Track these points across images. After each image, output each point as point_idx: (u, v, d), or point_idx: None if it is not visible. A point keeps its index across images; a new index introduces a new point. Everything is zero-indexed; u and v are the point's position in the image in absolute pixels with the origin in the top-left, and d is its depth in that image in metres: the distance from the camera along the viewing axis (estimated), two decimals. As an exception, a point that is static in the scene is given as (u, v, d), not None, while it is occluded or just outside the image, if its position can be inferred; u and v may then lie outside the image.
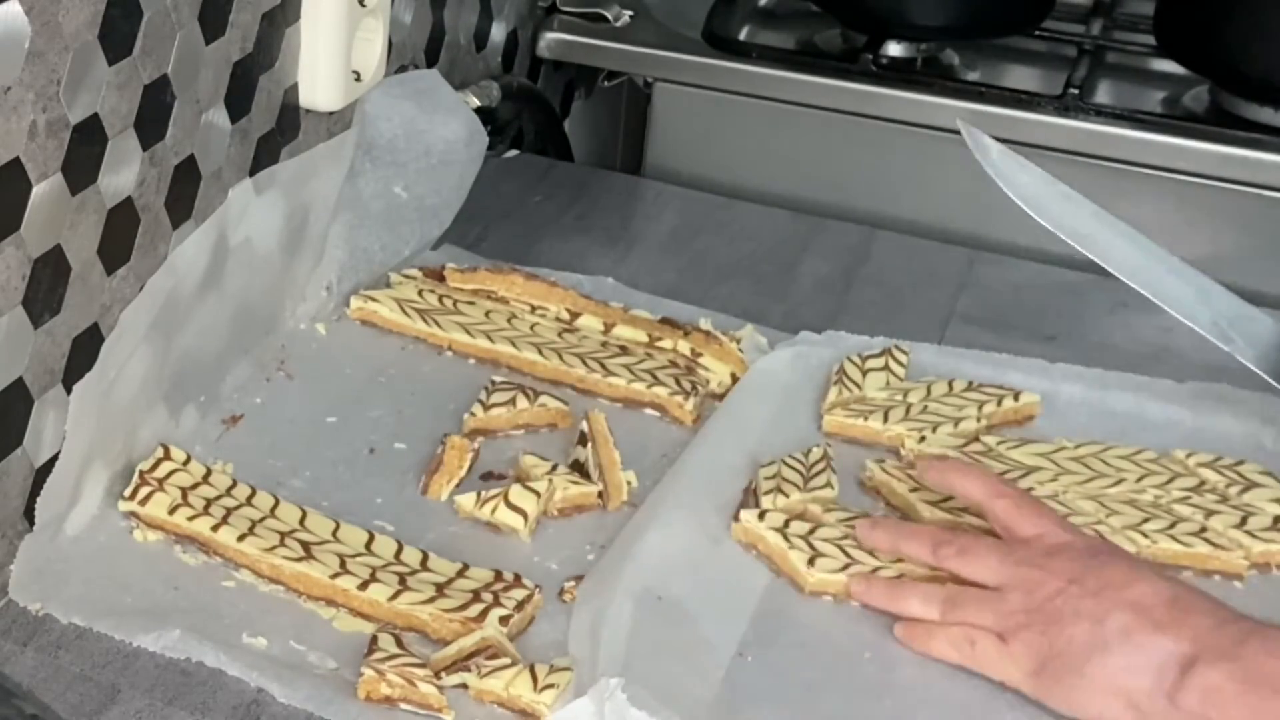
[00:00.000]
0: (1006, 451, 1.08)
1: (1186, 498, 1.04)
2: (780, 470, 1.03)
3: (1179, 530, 1.01)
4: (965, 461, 1.04)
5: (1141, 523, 1.01)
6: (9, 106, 0.84)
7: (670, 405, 1.12)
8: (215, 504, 0.98)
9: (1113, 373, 1.15)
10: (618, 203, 1.41)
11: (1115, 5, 1.58)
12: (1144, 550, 1.00)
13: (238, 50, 1.04)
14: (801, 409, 1.12)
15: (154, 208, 0.99)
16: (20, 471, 0.93)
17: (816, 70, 1.46)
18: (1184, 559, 1.00)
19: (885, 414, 1.10)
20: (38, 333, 0.91)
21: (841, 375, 1.13)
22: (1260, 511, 1.03)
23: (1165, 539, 1.00)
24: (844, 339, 1.17)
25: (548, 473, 1.03)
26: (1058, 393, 1.13)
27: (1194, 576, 0.99)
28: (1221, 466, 1.07)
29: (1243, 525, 1.02)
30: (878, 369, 1.13)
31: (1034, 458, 1.07)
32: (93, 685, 0.88)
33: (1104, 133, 1.39)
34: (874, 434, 1.09)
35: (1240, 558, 1.00)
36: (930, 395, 1.12)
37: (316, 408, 1.10)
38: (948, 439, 1.08)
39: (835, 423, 1.10)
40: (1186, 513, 1.03)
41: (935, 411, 1.10)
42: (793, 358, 1.15)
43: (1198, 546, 1.00)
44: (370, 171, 1.21)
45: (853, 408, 1.11)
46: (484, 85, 1.38)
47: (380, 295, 1.19)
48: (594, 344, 1.17)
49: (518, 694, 0.87)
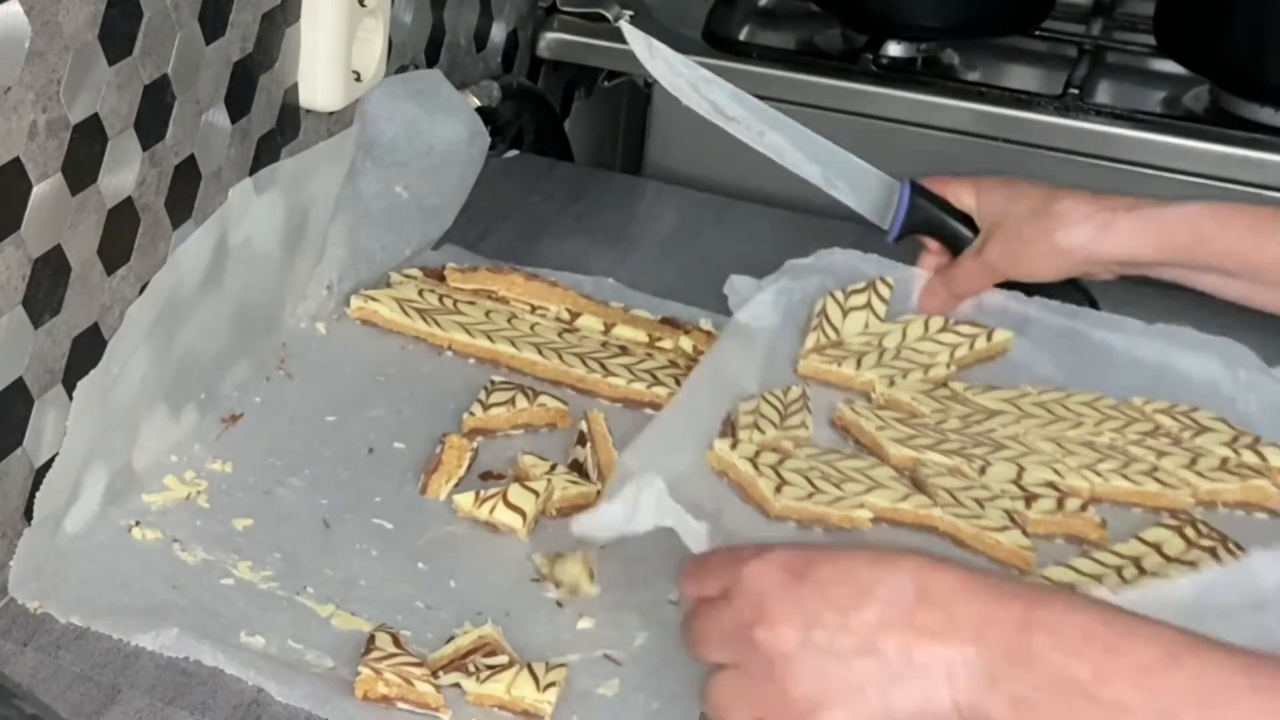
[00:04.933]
0: (973, 397, 1.13)
1: (1141, 440, 1.09)
2: (759, 406, 1.09)
3: (1131, 470, 1.06)
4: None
5: (1096, 463, 1.07)
6: (9, 106, 0.84)
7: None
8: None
9: (1083, 309, 1.19)
10: (618, 203, 1.41)
11: (1115, 5, 1.58)
12: (1096, 487, 1.05)
13: (238, 50, 1.04)
14: (780, 354, 1.16)
15: (154, 208, 0.99)
16: (20, 471, 0.93)
17: (816, 70, 1.46)
18: (1134, 496, 1.05)
19: (859, 360, 1.15)
20: (38, 333, 0.91)
21: (822, 317, 1.17)
22: (1209, 454, 1.08)
23: (1117, 478, 1.06)
24: (833, 263, 1.21)
25: (546, 472, 1.03)
26: (1029, 330, 1.18)
27: (1143, 514, 1.04)
28: (1176, 413, 1.12)
29: (1192, 466, 1.07)
30: (859, 307, 1.18)
31: (998, 403, 1.12)
32: (93, 685, 0.88)
33: (1104, 133, 1.39)
34: (847, 380, 1.14)
35: (1188, 495, 1.05)
36: (905, 339, 1.17)
37: (316, 407, 1.10)
38: (917, 384, 1.13)
39: (810, 368, 1.15)
40: (1140, 454, 1.08)
41: (907, 358, 1.15)
42: (774, 297, 1.18)
43: (1147, 485, 1.05)
44: (371, 171, 1.21)
45: (828, 353, 1.16)
46: (484, 85, 1.39)
47: (380, 295, 1.19)
48: (594, 344, 1.17)
49: (521, 695, 0.87)
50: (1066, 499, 1.03)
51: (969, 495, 1.03)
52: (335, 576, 0.96)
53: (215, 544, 0.98)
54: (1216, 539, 1.00)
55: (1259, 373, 1.13)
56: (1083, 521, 1.02)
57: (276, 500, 1.02)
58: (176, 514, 1.00)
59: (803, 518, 1.02)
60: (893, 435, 1.08)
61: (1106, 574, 0.97)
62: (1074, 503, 1.03)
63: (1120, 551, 1.00)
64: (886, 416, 1.10)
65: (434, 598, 0.95)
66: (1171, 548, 0.99)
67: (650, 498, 0.88)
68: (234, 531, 0.99)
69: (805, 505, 1.01)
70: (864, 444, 1.09)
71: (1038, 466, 1.06)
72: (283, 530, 0.99)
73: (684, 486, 0.96)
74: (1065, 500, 1.03)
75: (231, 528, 0.99)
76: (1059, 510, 1.03)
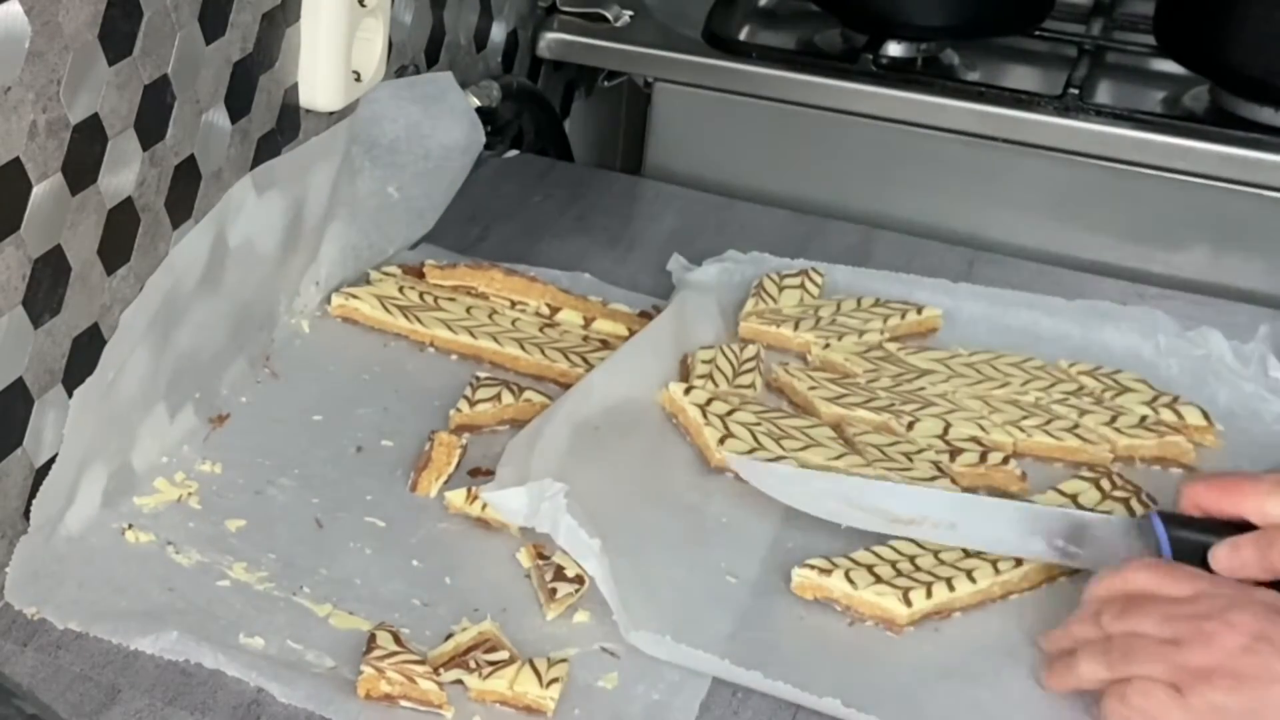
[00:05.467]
0: (905, 357, 1.17)
1: (1065, 400, 1.14)
2: (716, 359, 1.14)
3: (1053, 426, 1.11)
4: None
5: (1020, 419, 1.11)
6: (9, 106, 0.84)
7: (654, 397, 1.13)
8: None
9: (1009, 291, 1.24)
10: (618, 203, 1.41)
11: (1115, 5, 1.58)
12: (1019, 443, 1.09)
13: (238, 50, 1.04)
14: (730, 315, 1.21)
15: (154, 208, 0.99)
16: (20, 472, 0.93)
17: (816, 70, 1.46)
18: (1056, 451, 1.09)
19: (796, 323, 1.19)
20: (38, 333, 0.91)
21: (760, 289, 1.22)
22: (1129, 412, 1.12)
23: (1040, 433, 1.10)
24: (766, 260, 1.27)
25: (536, 468, 1.04)
26: (959, 308, 1.23)
27: (1064, 468, 1.09)
28: (1100, 374, 1.16)
29: (1112, 423, 1.11)
30: (794, 286, 1.23)
31: (929, 362, 1.17)
32: (93, 685, 0.88)
33: (1104, 133, 1.39)
34: (785, 340, 1.19)
35: (1106, 451, 1.09)
36: (840, 310, 1.21)
37: (302, 406, 1.10)
38: (852, 346, 1.18)
39: (750, 329, 1.20)
40: (1063, 412, 1.12)
41: (842, 324, 1.20)
42: (718, 273, 1.24)
43: (1068, 440, 1.09)
44: (369, 170, 1.22)
45: (767, 316, 1.20)
46: (484, 85, 1.39)
47: (361, 292, 1.19)
48: (575, 338, 1.18)
49: (523, 691, 0.87)
50: (989, 453, 1.07)
51: (896, 450, 1.07)
52: (331, 576, 0.96)
53: (209, 546, 0.98)
54: (1130, 490, 1.05)
55: (1177, 338, 1.20)
56: (1004, 475, 1.06)
57: (267, 500, 1.02)
58: (169, 516, 1.00)
59: (741, 470, 1.05)
60: (823, 394, 1.12)
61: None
62: (996, 456, 1.07)
63: (1039, 501, 1.03)
64: (819, 377, 1.14)
65: (431, 595, 0.95)
66: (1088, 499, 1.04)
67: (551, 507, 0.95)
68: (227, 533, 0.99)
69: (744, 460, 1.05)
70: (797, 403, 1.13)
71: (964, 422, 1.10)
72: (276, 531, 0.99)
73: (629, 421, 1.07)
74: (988, 454, 1.07)
75: (224, 529, 0.99)
76: (981, 463, 1.06)
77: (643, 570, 0.96)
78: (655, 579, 0.96)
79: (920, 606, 0.95)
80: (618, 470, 1.04)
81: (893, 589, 0.95)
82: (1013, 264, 1.33)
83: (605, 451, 1.05)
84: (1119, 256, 1.39)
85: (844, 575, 0.96)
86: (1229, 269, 1.38)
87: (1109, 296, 1.26)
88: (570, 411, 1.06)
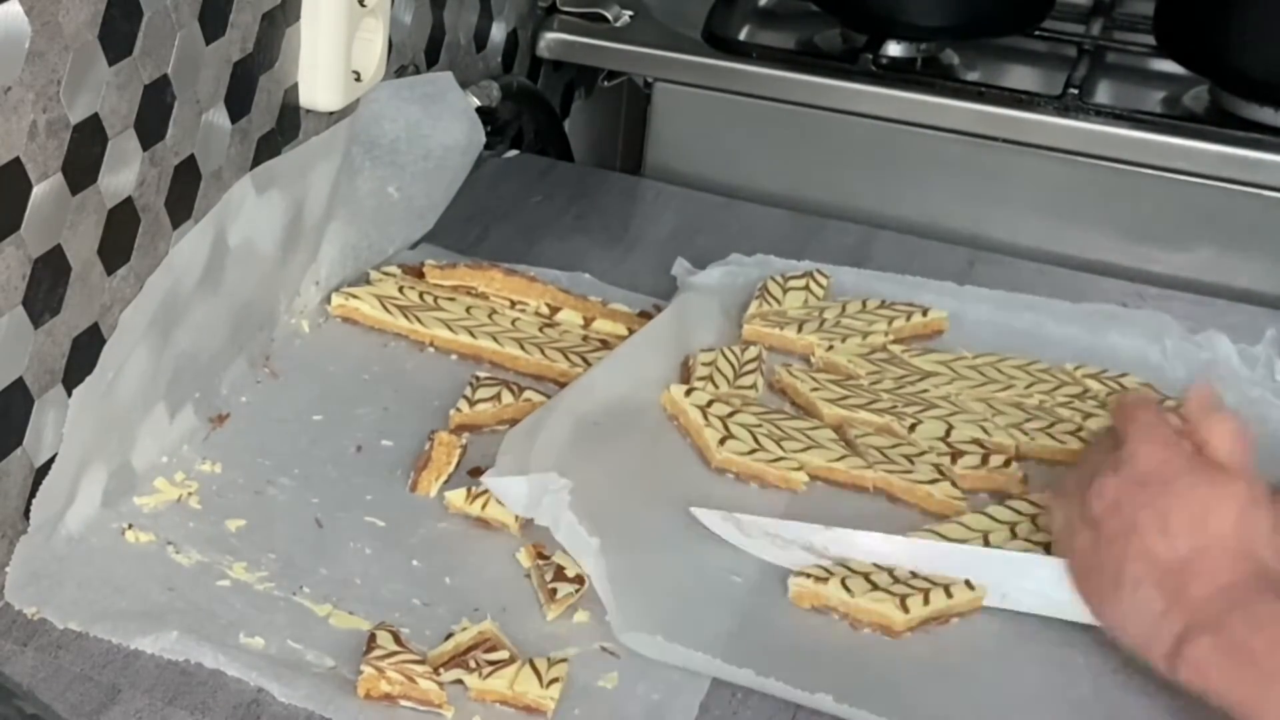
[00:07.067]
0: (909, 359, 1.17)
1: (1069, 403, 1.14)
2: (717, 360, 1.14)
3: (1056, 429, 1.10)
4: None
5: (1023, 422, 1.11)
6: (9, 106, 0.84)
7: (655, 397, 1.13)
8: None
9: (1015, 293, 1.24)
10: (618, 203, 1.41)
11: (1115, 5, 1.58)
12: (1022, 446, 1.09)
13: (238, 50, 1.04)
14: (733, 317, 1.21)
15: (154, 208, 0.99)
16: (20, 471, 0.93)
17: (816, 70, 1.46)
18: (1059, 454, 1.09)
19: (799, 325, 1.19)
20: (38, 333, 0.91)
21: (764, 291, 1.22)
22: None
23: (1043, 436, 1.10)
24: (771, 262, 1.26)
25: (536, 468, 1.04)
26: (965, 311, 1.23)
27: (1066, 472, 1.05)
28: (1105, 377, 1.16)
29: None
30: (798, 288, 1.23)
31: (933, 365, 1.17)
32: (93, 685, 0.88)
33: (1104, 133, 1.39)
34: (788, 342, 1.19)
35: None
36: (845, 312, 1.21)
37: (302, 406, 1.10)
38: (855, 348, 1.18)
39: (754, 331, 1.19)
40: (1067, 415, 1.12)
41: (846, 326, 1.20)
42: (722, 275, 1.24)
43: (1071, 444, 1.09)
44: (369, 170, 1.22)
45: (770, 318, 1.20)
46: (484, 85, 1.39)
47: (361, 292, 1.19)
48: (575, 338, 1.18)
49: (524, 690, 0.87)
50: (991, 455, 1.07)
51: (898, 452, 1.07)
52: (331, 576, 0.96)
53: (209, 545, 0.97)
54: None
55: (1184, 342, 1.19)
56: (1005, 477, 1.06)
57: (267, 500, 1.02)
58: (168, 516, 0.99)
59: (741, 472, 1.05)
60: (826, 396, 1.12)
61: (1020, 521, 1.01)
62: (998, 459, 1.07)
63: (1037, 501, 1.03)
64: (822, 379, 1.14)
65: (430, 595, 0.95)
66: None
67: (552, 502, 0.96)
68: (227, 533, 0.99)
69: (745, 461, 1.05)
70: (800, 405, 1.13)
71: (966, 425, 1.10)
72: (275, 530, 0.99)
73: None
74: (990, 456, 1.07)
75: (224, 529, 0.99)
76: (983, 466, 1.07)
77: (640, 570, 0.96)
78: (653, 579, 0.96)
79: (918, 613, 0.95)
80: (618, 468, 1.04)
81: (890, 595, 0.95)
82: (1013, 264, 1.33)
83: (606, 448, 1.05)
84: (1119, 256, 1.39)
85: (840, 583, 0.96)
86: (1229, 269, 1.38)
87: (1109, 297, 1.26)
88: (571, 406, 1.06)
